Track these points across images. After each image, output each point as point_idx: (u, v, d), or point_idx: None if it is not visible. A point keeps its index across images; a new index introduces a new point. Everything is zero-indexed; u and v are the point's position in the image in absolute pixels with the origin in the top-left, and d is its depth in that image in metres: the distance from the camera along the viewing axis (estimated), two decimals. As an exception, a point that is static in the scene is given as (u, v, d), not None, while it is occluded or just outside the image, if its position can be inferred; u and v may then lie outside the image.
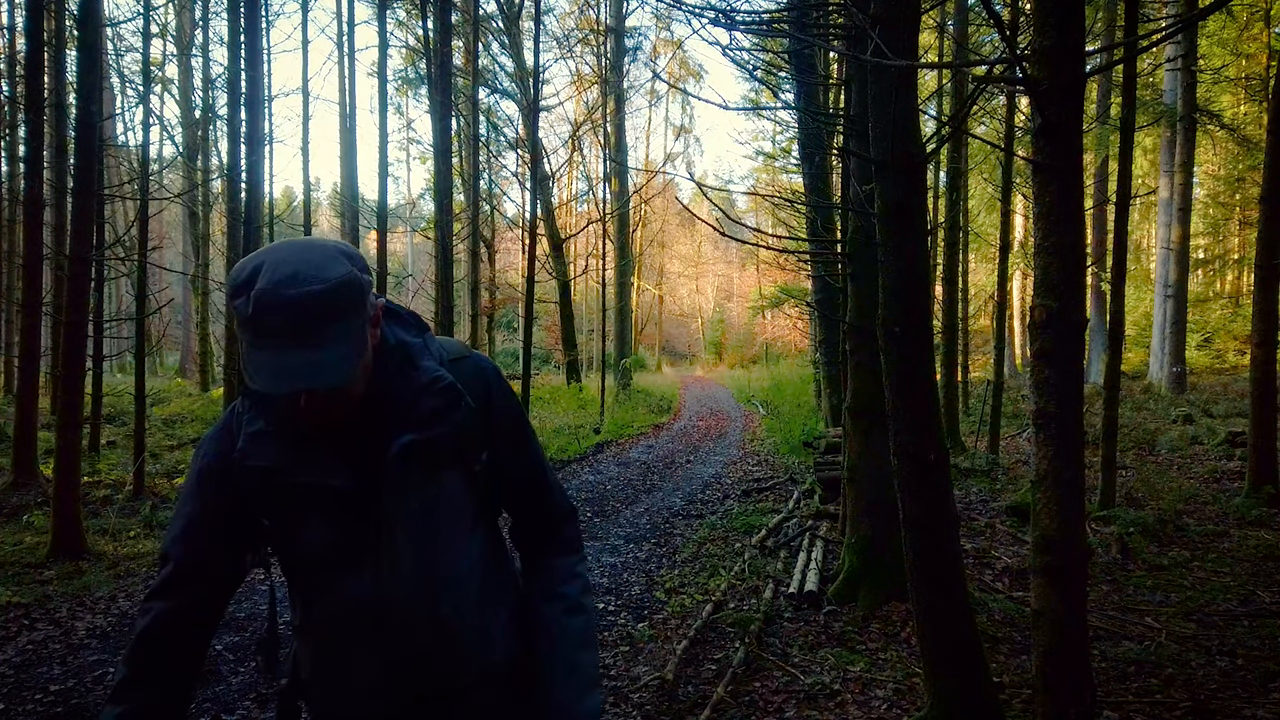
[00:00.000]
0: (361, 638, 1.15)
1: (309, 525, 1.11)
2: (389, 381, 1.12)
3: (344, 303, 0.99)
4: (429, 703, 1.18)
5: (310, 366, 0.96)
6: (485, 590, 1.21)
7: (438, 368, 1.15)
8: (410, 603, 1.13)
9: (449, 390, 1.13)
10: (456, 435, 1.14)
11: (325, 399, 1.05)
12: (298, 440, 1.10)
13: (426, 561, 1.14)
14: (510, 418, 1.23)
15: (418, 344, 1.17)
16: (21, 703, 3.41)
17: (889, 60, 2.40)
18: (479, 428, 1.17)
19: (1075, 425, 2.25)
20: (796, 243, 7.83)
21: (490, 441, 1.19)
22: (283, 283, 0.96)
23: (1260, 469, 6.39)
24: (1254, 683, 3.34)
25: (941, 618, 2.77)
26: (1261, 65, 15.88)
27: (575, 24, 23.32)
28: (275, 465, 1.09)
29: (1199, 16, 2.39)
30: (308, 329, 0.96)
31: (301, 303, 0.95)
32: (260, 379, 0.97)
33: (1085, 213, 2.33)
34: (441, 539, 1.15)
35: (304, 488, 1.09)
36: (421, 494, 1.13)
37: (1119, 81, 6.66)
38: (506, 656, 1.23)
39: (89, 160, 5.80)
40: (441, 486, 1.14)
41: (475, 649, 1.19)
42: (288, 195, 35.97)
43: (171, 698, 1.16)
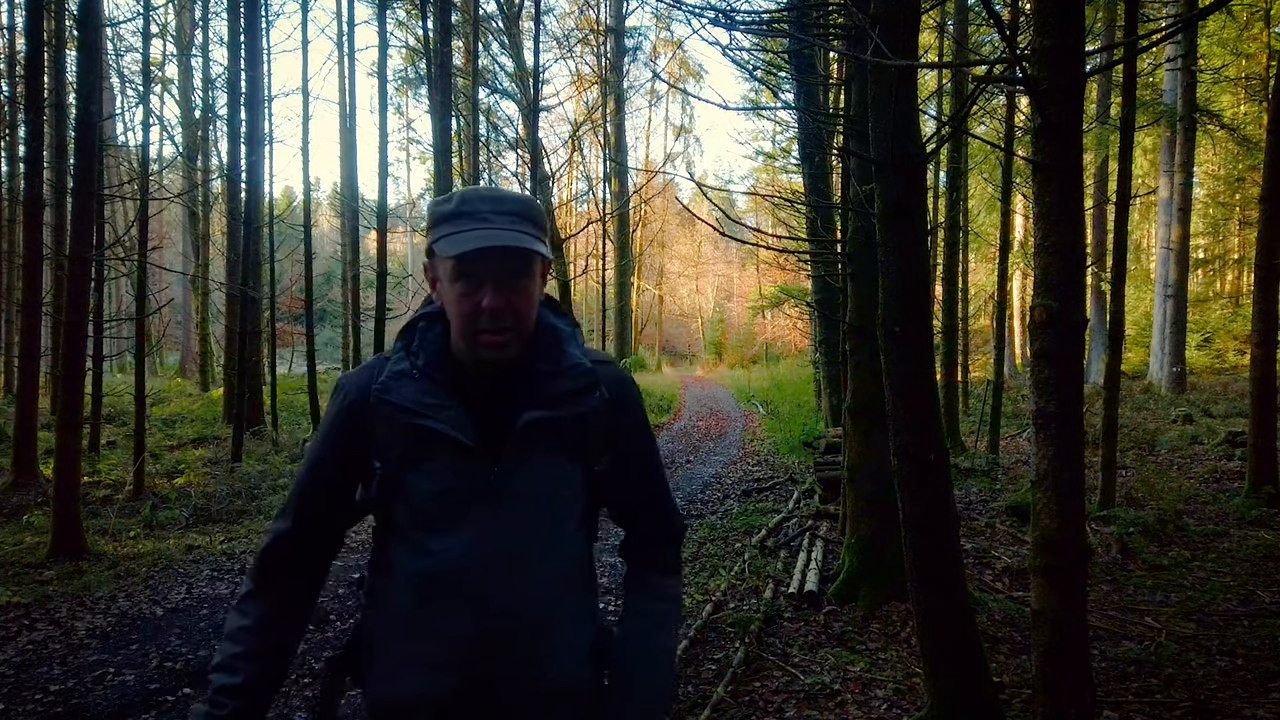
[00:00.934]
0: (438, 606, 1.12)
1: (421, 473, 1.12)
2: (536, 359, 1.17)
3: (531, 215, 1.14)
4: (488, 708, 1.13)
5: (512, 235, 1.09)
6: (572, 597, 1.19)
7: (582, 355, 1.20)
8: (496, 577, 1.11)
9: (587, 375, 1.17)
10: (583, 425, 1.16)
11: (507, 297, 1.10)
12: (436, 387, 1.14)
13: (523, 540, 1.13)
14: (639, 427, 1.26)
15: (567, 332, 1.22)
16: (21, 703, 3.41)
17: (889, 60, 2.40)
18: (606, 427, 1.19)
19: (1075, 425, 2.25)
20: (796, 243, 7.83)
21: (615, 445, 1.22)
22: (484, 190, 1.15)
23: (1260, 469, 6.39)
24: (1254, 683, 3.34)
25: (941, 618, 2.77)
26: (1261, 65, 15.88)
27: (575, 24, 23.32)
28: (409, 404, 1.13)
29: (1199, 16, 2.38)
30: (508, 216, 1.11)
31: (499, 197, 1.13)
32: (464, 243, 1.08)
33: (1085, 212, 2.33)
34: (544, 523, 1.15)
35: (429, 433, 1.12)
36: (536, 472, 1.14)
37: (1119, 81, 6.65)
38: (576, 677, 1.18)
39: (89, 160, 5.80)
40: (557, 472, 1.16)
41: (548, 653, 1.15)
42: (288, 195, 35.98)
43: (289, 613, 1.21)
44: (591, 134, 21.33)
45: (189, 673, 3.72)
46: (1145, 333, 17.02)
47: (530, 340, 1.17)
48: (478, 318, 1.10)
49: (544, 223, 1.16)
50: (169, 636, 4.18)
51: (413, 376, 1.15)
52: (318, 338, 15.17)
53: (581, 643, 1.19)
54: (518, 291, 1.11)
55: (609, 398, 1.19)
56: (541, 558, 1.14)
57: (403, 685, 1.14)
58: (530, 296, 1.14)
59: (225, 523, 6.82)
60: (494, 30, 17.04)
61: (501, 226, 1.10)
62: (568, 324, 1.24)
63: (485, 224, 1.09)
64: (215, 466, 9.13)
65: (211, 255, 18.10)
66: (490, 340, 1.11)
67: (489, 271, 1.10)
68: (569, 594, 1.18)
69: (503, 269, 1.10)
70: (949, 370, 9.89)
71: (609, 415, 1.19)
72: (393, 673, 1.15)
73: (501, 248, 1.08)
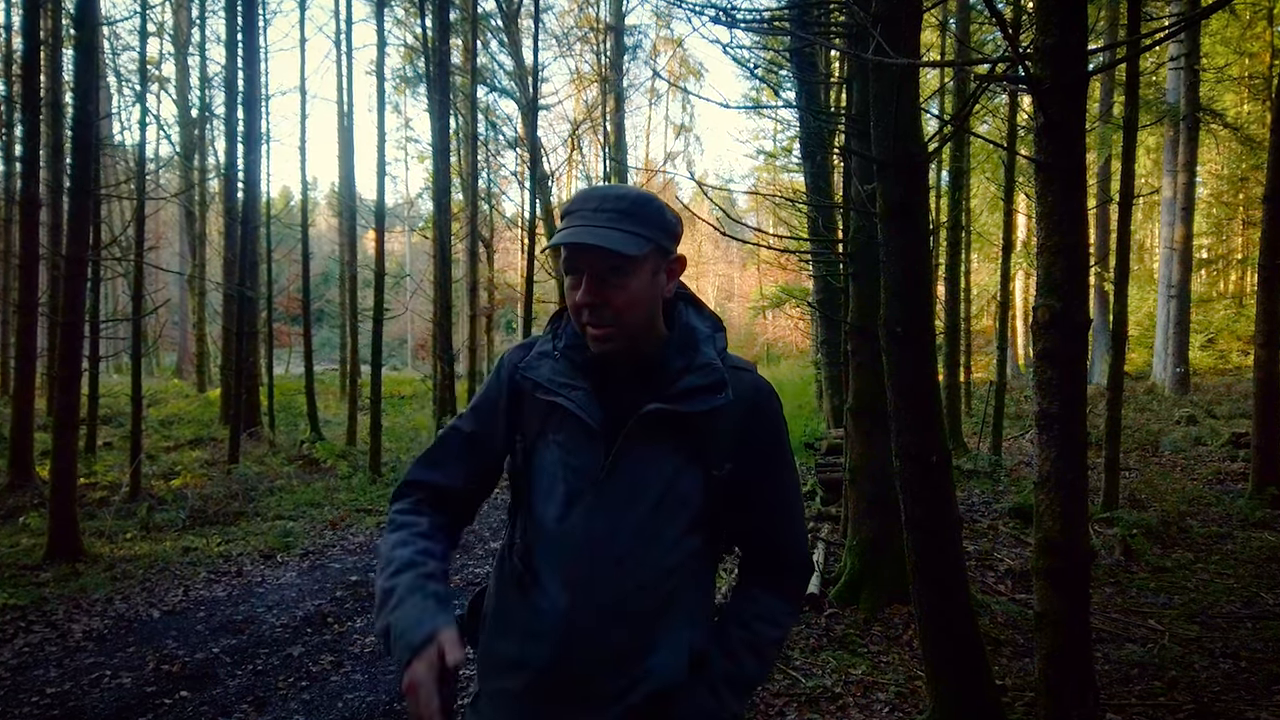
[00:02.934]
0: (542, 577, 1.16)
1: (549, 447, 1.19)
2: (669, 354, 1.20)
3: (640, 213, 1.15)
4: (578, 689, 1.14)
5: (593, 233, 1.12)
6: (676, 596, 1.17)
7: (715, 356, 1.19)
8: (595, 559, 1.14)
9: (715, 374, 1.17)
10: (706, 425, 1.16)
11: (598, 289, 1.13)
12: (571, 368, 1.20)
13: (627, 527, 1.15)
14: (769, 440, 1.23)
15: (705, 333, 1.23)
16: (18, 705, 3.38)
17: (891, 58, 2.37)
18: (734, 434, 1.18)
19: (1078, 426, 2.23)
20: (798, 242, 7.81)
21: (739, 455, 1.19)
22: (602, 188, 1.20)
23: (1264, 470, 6.36)
24: (1257, 685, 3.32)
25: (944, 620, 2.74)
26: (1264, 64, 15.86)
27: (574, 22, 23.28)
28: (545, 381, 1.20)
29: (1202, 15, 2.36)
30: (609, 214, 1.14)
31: (606, 194, 1.16)
32: (556, 239, 1.14)
33: (1088, 212, 2.30)
34: (650, 515, 1.15)
35: (560, 411, 1.18)
36: (650, 463, 1.15)
37: (1122, 80, 6.63)
38: (667, 680, 1.15)
39: (85, 160, 5.77)
40: (672, 467, 1.16)
41: (641, 647, 1.14)
42: (285, 195, 35.96)
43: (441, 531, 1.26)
44: (591, 133, 21.31)
45: (186, 675, 3.70)
46: (1148, 333, 17.00)
47: (666, 341, 1.21)
48: (580, 311, 1.16)
49: (660, 220, 1.17)
50: (166, 639, 4.16)
51: (553, 357, 1.22)
52: (315, 338, 15.16)
53: (680, 646, 1.16)
54: (611, 287, 1.13)
55: (738, 403, 1.18)
56: (645, 548, 1.15)
57: (502, 647, 1.20)
58: (630, 293, 1.14)
59: (222, 524, 6.79)
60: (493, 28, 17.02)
61: (595, 224, 1.13)
62: (709, 325, 1.25)
63: (582, 221, 1.14)
64: (212, 468, 9.11)
65: (208, 255, 18.08)
66: (592, 333, 1.16)
67: (585, 266, 1.14)
68: (673, 592, 1.16)
69: (595, 265, 1.13)
70: (951, 371, 9.87)
71: (737, 421, 1.19)
72: (497, 635, 1.21)
73: (591, 245, 1.12)
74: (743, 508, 1.23)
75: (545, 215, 17.15)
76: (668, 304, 1.25)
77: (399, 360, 34.20)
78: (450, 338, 11.16)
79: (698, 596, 1.21)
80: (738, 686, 1.20)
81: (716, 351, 1.21)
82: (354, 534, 6.59)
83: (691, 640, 1.18)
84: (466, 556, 5.88)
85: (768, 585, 1.27)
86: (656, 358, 1.20)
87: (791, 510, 1.28)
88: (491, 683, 1.22)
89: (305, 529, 6.66)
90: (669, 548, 1.16)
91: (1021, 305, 22.54)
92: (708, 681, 1.18)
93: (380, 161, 9.86)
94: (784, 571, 1.28)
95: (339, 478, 8.83)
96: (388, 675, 3.70)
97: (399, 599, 1.10)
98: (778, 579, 1.27)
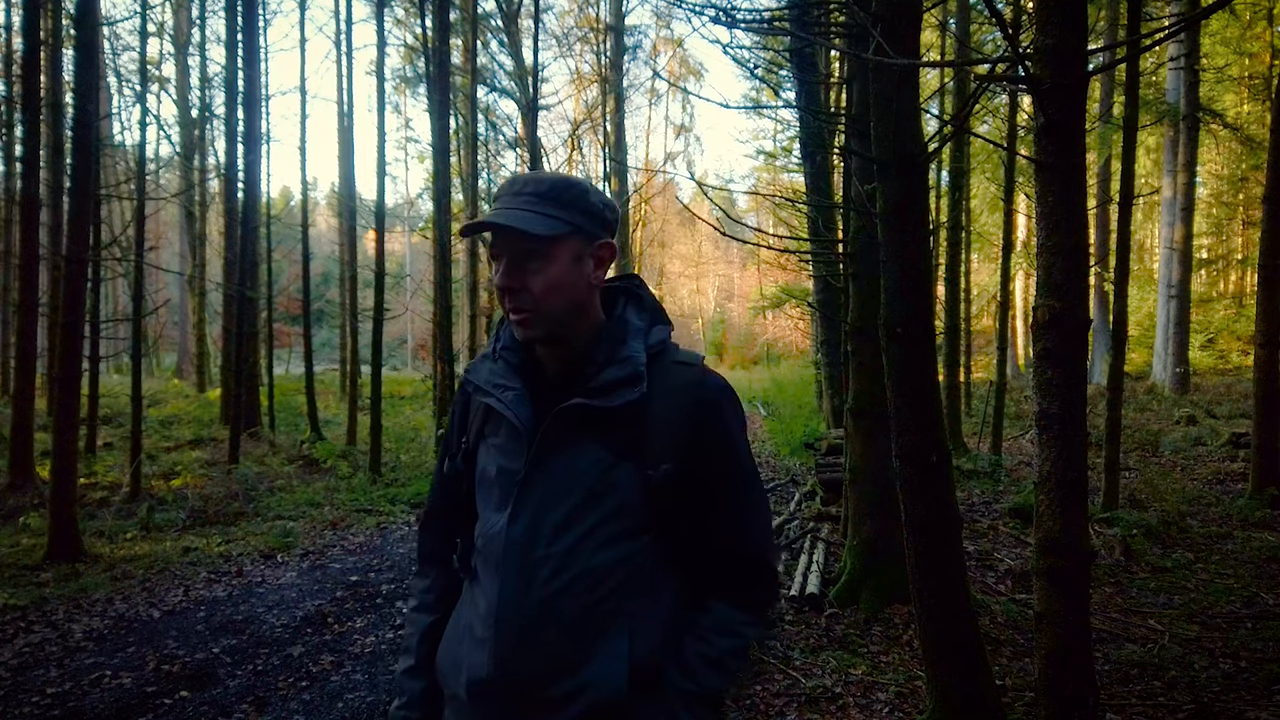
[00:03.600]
0: (482, 581, 1.16)
1: (486, 450, 1.20)
2: (596, 348, 1.17)
3: (560, 197, 1.13)
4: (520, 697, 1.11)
5: (505, 214, 1.12)
6: (612, 606, 1.10)
7: (638, 350, 1.15)
8: (527, 562, 1.11)
9: (630, 366, 1.13)
10: (633, 420, 1.12)
11: (515, 272, 1.13)
12: (508, 370, 1.20)
13: (556, 528, 1.11)
14: (714, 441, 1.15)
15: (638, 327, 1.19)
16: (18, 705, 3.38)
17: (891, 59, 2.37)
18: (667, 432, 1.12)
19: (1078, 426, 2.23)
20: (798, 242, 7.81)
21: (680, 455, 1.12)
22: (527, 174, 1.18)
23: (1264, 470, 6.36)
24: (1257, 685, 3.32)
25: (944, 620, 2.74)
26: (1264, 64, 15.86)
27: (574, 22, 23.29)
28: (480, 383, 1.21)
29: (1202, 15, 2.36)
30: (526, 196, 1.13)
31: (529, 179, 1.15)
32: (469, 223, 1.20)
33: (1088, 212, 2.30)
34: (577, 514, 1.11)
35: (493, 412, 1.20)
36: (576, 461, 1.12)
37: (1122, 80, 6.63)
38: (605, 692, 1.08)
39: (85, 160, 5.77)
40: (600, 465, 1.11)
41: (579, 656, 1.09)
42: (285, 195, 35.98)
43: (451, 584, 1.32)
44: (591, 133, 21.31)
45: (186, 675, 3.70)
46: (1148, 333, 17.00)
47: (597, 336, 1.18)
48: (502, 296, 1.15)
49: (582, 204, 1.15)
50: (166, 639, 4.16)
51: (492, 359, 1.23)
52: (315, 338, 15.16)
53: (618, 656, 1.09)
54: (529, 272, 1.12)
55: (674, 400, 1.12)
56: (571, 548, 1.10)
57: (448, 653, 1.20)
58: (548, 277, 1.13)
59: (222, 524, 6.79)
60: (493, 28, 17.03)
61: (510, 206, 1.12)
62: (647, 318, 1.21)
63: (500, 205, 1.14)
64: (212, 468, 9.11)
65: (209, 255, 18.08)
66: (513, 319, 1.15)
67: (503, 250, 1.14)
68: (610, 597, 1.10)
69: (510, 248, 1.13)
70: (951, 371, 9.87)
71: (675, 420, 1.12)
72: (447, 642, 1.22)
73: (497, 225, 1.11)
74: (691, 512, 1.15)
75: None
76: (608, 297, 1.23)
77: (399, 360, 34.21)
78: (450, 338, 11.15)
79: (647, 605, 1.13)
80: (694, 703, 1.12)
81: (647, 345, 1.16)
82: (354, 534, 6.60)
83: (635, 651, 1.10)
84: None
85: (724, 595, 1.18)
86: (587, 353, 1.17)
87: (744, 515, 1.18)
88: (447, 688, 1.19)
89: (305, 529, 6.66)
90: (598, 548, 1.10)
91: (1021, 305, 22.54)
92: (663, 699, 1.11)
93: (380, 161, 9.86)
94: (741, 579, 1.19)
95: (339, 478, 8.83)
96: (387, 675, 3.70)
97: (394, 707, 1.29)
98: (735, 588, 1.18)
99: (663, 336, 1.19)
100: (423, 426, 13.19)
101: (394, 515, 7.25)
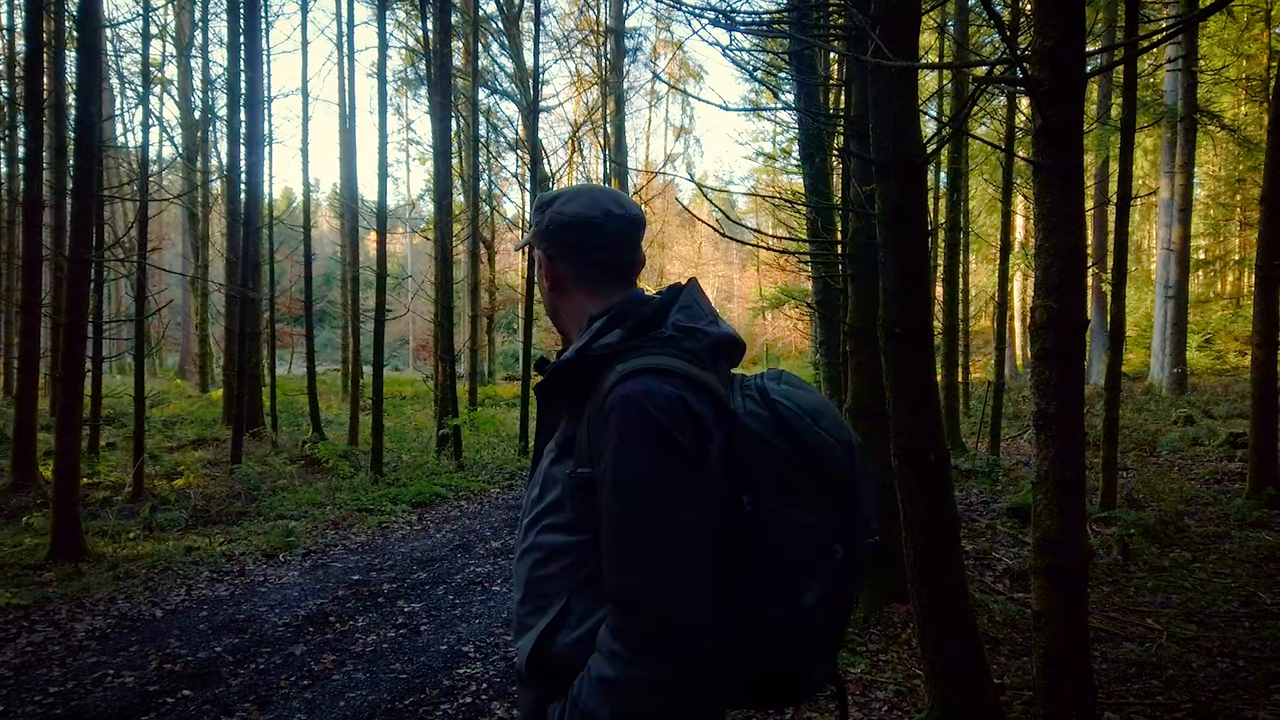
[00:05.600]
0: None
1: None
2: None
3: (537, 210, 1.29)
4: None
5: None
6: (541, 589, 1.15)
7: (572, 351, 1.16)
8: (520, 525, 1.24)
9: (559, 366, 1.17)
10: (567, 419, 1.18)
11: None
12: None
13: (528, 503, 1.23)
14: (608, 454, 1.04)
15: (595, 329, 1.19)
16: (21, 704, 3.40)
17: (889, 61, 2.39)
18: (588, 437, 1.09)
19: (1076, 426, 2.25)
20: (797, 243, 7.83)
21: (594, 461, 1.07)
22: None
23: (1261, 470, 6.38)
24: (1255, 684, 3.33)
25: (942, 619, 2.76)
26: (1262, 66, 15.88)
27: (575, 25, 23.32)
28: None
29: (1200, 17, 2.38)
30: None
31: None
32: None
33: (1086, 213, 2.32)
34: (533, 501, 1.22)
35: None
36: (541, 459, 1.24)
37: (1119, 82, 6.65)
38: (522, 674, 1.17)
39: (88, 161, 5.79)
40: (549, 459, 1.21)
41: (520, 624, 1.20)
42: (287, 196, 35.98)
43: None
44: (591, 135, 21.32)
45: (188, 674, 3.72)
46: (1146, 334, 17.02)
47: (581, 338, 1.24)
48: None
49: (538, 214, 1.27)
50: (168, 638, 4.17)
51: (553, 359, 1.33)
52: (317, 339, 15.17)
53: (532, 633, 1.14)
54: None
55: (595, 406, 1.08)
56: (525, 530, 1.21)
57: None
58: (542, 286, 1.30)
59: (225, 524, 6.81)
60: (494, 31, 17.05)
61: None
62: (607, 321, 1.18)
63: None
64: (215, 468, 9.12)
65: (211, 256, 18.09)
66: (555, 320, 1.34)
67: None
68: (541, 581, 1.17)
69: None
70: (950, 371, 9.89)
71: (592, 426, 1.08)
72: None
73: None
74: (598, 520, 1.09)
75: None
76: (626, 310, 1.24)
77: (400, 361, 34.21)
78: (451, 338, 11.17)
79: (586, 604, 1.09)
80: (573, 710, 1.04)
81: (585, 343, 1.15)
82: (356, 533, 6.61)
83: (550, 638, 1.10)
84: (468, 556, 5.89)
85: (608, 614, 1.05)
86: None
87: (611, 538, 1.04)
88: None
89: (307, 528, 6.68)
90: (543, 530, 1.18)
91: (1019, 306, 22.55)
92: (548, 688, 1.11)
93: (382, 163, 9.88)
94: (612, 603, 1.04)
95: (341, 477, 8.85)
96: (389, 674, 3.72)
97: None
98: (611, 610, 1.04)
99: (611, 340, 1.13)
100: (424, 426, 13.20)
101: (395, 515, 7.26)
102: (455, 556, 5.89)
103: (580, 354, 1.13)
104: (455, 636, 4.22)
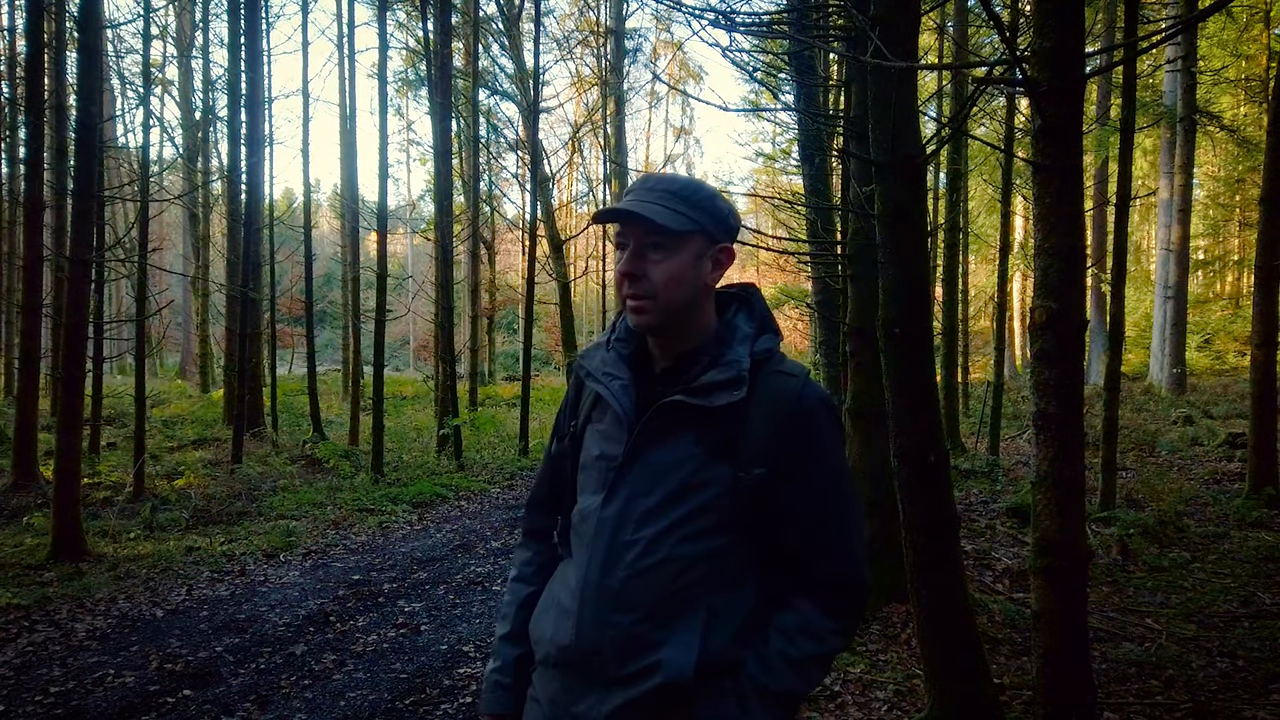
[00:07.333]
0: (574, 559, 1.24)
1: (593, 434, 1.26)
2: (704, 349, 1.21)
3: (690, 196, 1.19)
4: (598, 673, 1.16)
5: (638, 204, 1.17)
6: (690, 595, 1.14)
7: (743, 355, 1.19)
8: (612, 545, 1.17)
9: (732, 369, 1.17)
10: (729, 422, 1.15)
11: (634, 261, 1.18)
12: (618, 361, 1.26)
13: (643, 516, 1.16)
14: (804, 452, 1.16)
15: (745, 333, 1.22)
16: (21, 704, 3.40)
17: (889, 62, 2.40)
18: (764, 438, 1.15)
19: (1075, 426, 2.25)
20: (796, 244, 7.84)
21: (773, 462, 1.14)
22: (661, 174, 1.24)
23: (1261, 470, 6.38)
24: (1255, 684, 3.34)
25: (942, 619, 2.76)
26: (1261, 66, 15.90)
27: (575, 26, 23.32)
28: (592, 369, 1.27)
29: (1199, 18, 2.39)
30: (655, 191, 1.19)
31: (662, 178, 1.21)
32: (603, 210, 1.23)
33: (1085, 214, 2.33)
34: (666, 505, 1.15)
35: (600, 398, 1.26)
36: (669, 454, 1.17)
37: (1119, 83, 6.66)
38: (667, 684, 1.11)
39: (89, 162, 5.80)
40: (692, 461, 1.15)
41: (650, 642, 1.13)
42: (288, 197, 35.99)
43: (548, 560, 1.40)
44: (592, 135, 21.33)
45: (189, 674, 3.72)
46: (1145, 334, 17.03)
47: (710, 336, 1.23)
48: (622, 282, 1.19)
49: (710, 206, 1.20)
50: (169, 638, 4.18)
51: (604, 348, 1.28)
52: (318, 339, 15.17)
53: (690, 644, 1.12)
54: (651, 261, 1.17)
55: (772, 408, 1.15)
56: (657, 537, 1.15)
57: (538, 621, 1.28)
58: (668, 269, 1.17)
59: (225, 524, 6.82)
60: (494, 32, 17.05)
61: (643, 199, 1.17)
62: (756, 325, 1.24)
63: (632, 197, 1.19)
64: (215, 468, 9.13)
65: (212, 257, 18.10)
66: (630, 305, 1.20)
67: (629, 238, 1.19)
68: (689, 587, 1.14)
69: (639, 238, 1.18)
70: (949, 371, 9.89)
71: (771, 427, 1.15)
72: (539, 611, 1.30)
73: (632, 213, 1.15)
74: (780, 519, 1.17)
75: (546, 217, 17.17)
76: (722, 302, 1.27)
77: (401, 361, 34.23)
78: (452, 339, 11.18)
79: (728, 600, 1.16)
80: (768, 698, 1.13)
81: (751, 351, 1.19)
82: (356, 533, 6.62)
83: (708, 642, 1.13)
84: (468, 556, 5.90)
85: (814, 600, 1.19)
86: (695, 352, 1.21)
87: (831, 527, 1.19)
88: (537, 652, 1.29)
89: (308, 528, 6.68)
90: (682, 540, 1.14)
91: (1019, 306, 22.56)
92: (736, 689, 1.13)
93: (382, 164, 9.88)
94: (826, 588, 1.20)
95: (341, 477, 8.85)
96: (389, 674, 3.73)
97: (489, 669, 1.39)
98: (824, 596, 1.20)
99: (769, 345, 1.22)
100: (424, 427, 13.21)
101: (396, 515, 7.27)
102: (456, 556, 5.90)
103: (753, 358, 1.19)
104: (456, 636, 4.23)
